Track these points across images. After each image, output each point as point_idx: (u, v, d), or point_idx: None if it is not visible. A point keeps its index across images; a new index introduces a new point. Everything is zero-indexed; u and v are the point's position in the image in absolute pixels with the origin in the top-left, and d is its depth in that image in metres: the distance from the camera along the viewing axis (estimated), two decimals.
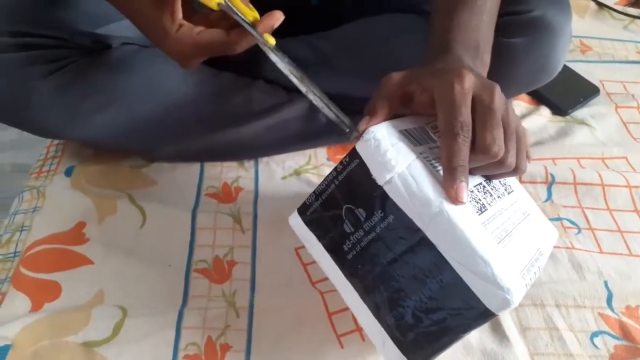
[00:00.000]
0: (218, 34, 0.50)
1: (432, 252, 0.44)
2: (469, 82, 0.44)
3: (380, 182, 0.45)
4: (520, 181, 0.74)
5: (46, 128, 0.68)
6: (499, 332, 0.60)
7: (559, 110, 0.86)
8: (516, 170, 0.47)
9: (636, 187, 0.74)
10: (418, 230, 0.44)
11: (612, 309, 0.63)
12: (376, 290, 0.47)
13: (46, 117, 0.66)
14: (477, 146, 0.44)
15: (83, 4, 0.66)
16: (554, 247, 0.68)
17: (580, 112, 0.87)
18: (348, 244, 0.48)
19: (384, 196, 0.45)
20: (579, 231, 0.70)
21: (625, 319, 0.62)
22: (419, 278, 0.45)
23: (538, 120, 0.84)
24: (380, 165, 0.45)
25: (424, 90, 0.46)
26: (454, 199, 0.43)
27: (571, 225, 0.71)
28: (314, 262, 0.64)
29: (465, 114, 0.44)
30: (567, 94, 0.87)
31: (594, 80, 0.91)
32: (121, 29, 0.69)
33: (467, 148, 0.44)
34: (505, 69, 0.66)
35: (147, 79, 0.68)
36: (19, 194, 0.72)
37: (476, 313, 0.44)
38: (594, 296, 0.64)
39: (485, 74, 0.54)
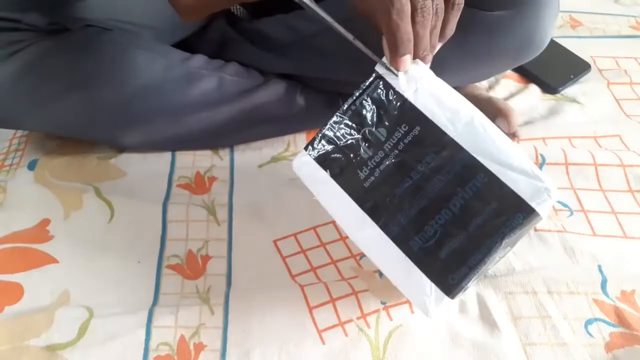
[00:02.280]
0: None
1: (464, 158, 0.44)
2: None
3: (407, 94, 0.46)
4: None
5: (3, 117, 0.64)
6: (489, 322, 0.57)
7: (549, 88, 0.83)
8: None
9: (630, 166, 0.71)
10: (448, 137, 0.45)
11: (606, 295, 0.60)
12: (399, 214, 0.46)
13: (2, 105, 0.62)
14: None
15: None
16: (545, 230, 0.65)
17: (571, 90, 0.83)
18: (365, 170, 0.47)
19: (410, 108, 0.46)
20: (571, 213, 0.67)
21: (620, 305, 0.59)
22: (448, 189, 0.45)
23: (528, 99, 0.81)
24: (404, 80, 0.46)
25: None
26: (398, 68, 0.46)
27: (563, 208, 0.68)
28: (294, 254, 0.62)
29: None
30: (557, 71, 0.84)
31: (585, 56, 0.88)
32: (85, 9, 0.65)
33: (409, 25, 0.44)
34: (489, 43, 0.63)
35: (109, 63, 0.64)
36: None
37: (516, 212, 0.43)
38: (587, 281, 0.60)
39: None
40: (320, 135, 0.49)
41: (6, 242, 0.60)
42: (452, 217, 0.45)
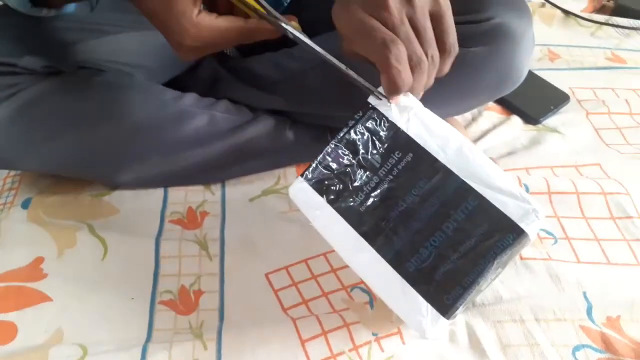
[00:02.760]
0: (237, 21, 0.49)
1: (455, 182, 0.47)
2: (359, 10, 0.46)
3: (399, 123, 0.49)
4: None
5: None
6: (479, 351, 0.58)
7: (530, 119, 0.85)
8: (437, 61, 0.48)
9: (611, 193, 0.73)
10: (439, 163, 0.48)
11: (592, 321, 0.61)
12: (395, 237, 0.47)
13: None
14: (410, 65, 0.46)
15: (36, 27, 0.64)
16: (531, 258, 0.67)
17: (552, 120, 0.86)
18: (361, 196, 0.49)
19: (403, 136, 0.49)
20: (556, 241, 0.69)
21: (606, 330, 0.60)
22: (441, 213, 0.47)
23: (510, 130, 0.83)
24: (396, 110, 0.49)
25: None
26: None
27: (547, 236, 0.69)
28: (285, 287, 0.63)
29: (380, 33, 0.45)
30: (537, 103, 0.87)
31: (564, 88, 0.91)
32: (78, 52, 0.67)
33: (408, 71, 0.46)
34: (467, 79, 0.65)
35: (103, 104, 0.66)
36: None
37: (506, 233, 0.45)
38: (573, 308, 0.62)
39: None
40: (316, 162, 0.51)
41: (2, 281, 0.61)
42: (445, 239, 0.46)
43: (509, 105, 0.87)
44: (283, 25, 0.49)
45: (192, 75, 0.80)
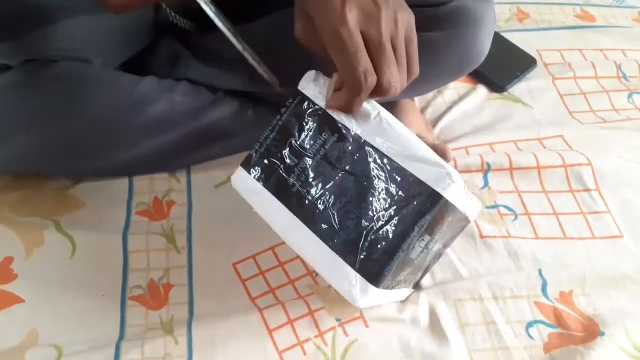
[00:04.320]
0: None
1: (376, 155, 0.49)
2: (353, 19, 0.45)
3: (323, 105, 0.51)
4: (456, 169, 0.74)
5: None
6: (438, 332, 0.61)
7: (496, 86, 0.85)
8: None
9: (572, 165, 0.75)
10: (361, 140, 0.50)
11: (546, 297, 0.64)
12: (325, 212, 0.50)
13: None
14: (376, 88, 0.46)
15: None
16: (491, 236, 0.69)
17: (518, 88, 0.86)
18: (293, 177, 0.52)
19: (326, 117, 0.51)
20: (516, 217, 0.71)
21: (559, 305, 0.64)
22: (364, 185, 0.49)
23: (475, 101, 0.83)
24: (319, 93, 0.52)
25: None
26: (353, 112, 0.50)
27: (508, 212, 0.71)
28: (252, 276, 0.65)
29: (364, 61, 0.45)
30: (504, 69, 0.86)
31: (531, 50, 0.90)
32: (24, 45, 0.64)
33: (367, 95, 0.47)
34: (427, 63, 0.64)
35: (56, 100, 0.64)
36: None
37: (423, 198, 0.47)
38: (529, 285, 0.65)
39: None
40: (253, 151, 0.55)
41: None
42: (369, 210, 0.49)
43: (474, 73, 0.85)
44: None
45: (152, 54, 0.77)
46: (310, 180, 0.51)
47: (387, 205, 0.49)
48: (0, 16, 0.62)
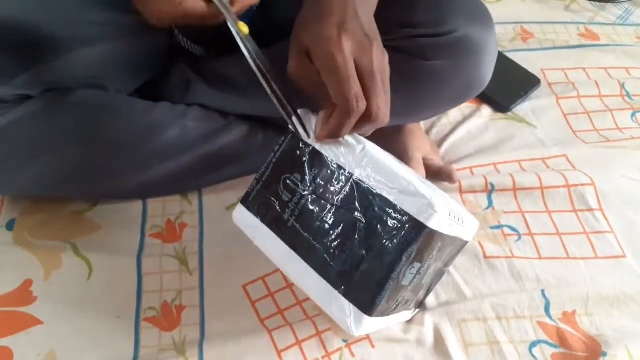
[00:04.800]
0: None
1: (363, 188, 0.51)
2: (348, 48, 0.48)
3: (312, 142, 0.54)
4: (461, 190, 0.76)
5: None
6: (443, 352, 0.63)
7: (500, 107, 0.87)
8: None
9: (575, 185, 0.76)
10: (348, 173, 0.52)
11: (550, 317, 0.65)
12: (318, 245, 0.52)
13: None
14: (365, 114, 0.50)
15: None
16: (494, 257, 0.70)
17: (522, 107, 0.87)
18: (288, 212, 0.54)
19: (316, 153, 0.54)
20: (519, 238, 0.72)
21: (562, 326, 0.65)
22: (354, 218, 0.51)
23: (479, 121, 0.85)
24: (309, 130, 0.54)
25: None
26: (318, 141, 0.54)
27: (511, 232, 0.73)
28: (262, 297, 0.67)
29: (356, 86, 0.48)
30: (508, 89, 0.87)
31: (535, 70, 0.91)
32: (43, 74, 0.67)
33: (356, 119, 0.50)
34: (429, 91, 0.66)
35: (74, 127, 0.67)
36: None
37: (408, 229, 0.49)
38: (532, 305, 0.66)
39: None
40: (250, 188, 0.58)
41: None
42: (359, 242, 0.51)
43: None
44: (227, 17, 0.51)
45: (163, 80, 0.80)
46: (305, 215, 0.54)
47: (375, 237, 0.50)
48: (20, 47, 0.65)
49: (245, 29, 0.52)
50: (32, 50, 0.65)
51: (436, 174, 0.75)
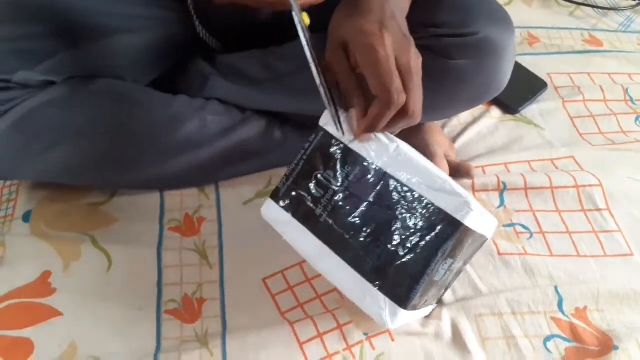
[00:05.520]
0: None
1: (398, 186, 0.53)
2: (389, 44, 0.50)
3: (345, 140, 0.55)
4: (474, 188, 0.77)
5: None
6: (461, 345, 0.64)
7: (508, 109, 0.89)
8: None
9: (583, 186, 0.78)
10: (382, 171, 0.53)
11: (562, 312, 0.67)
12: (352, 240, 0.54)
13: None
14: (402, 110, 0.51)
15: (20, 42, 0.64)
16: (508, 254, 0.72)
17: (530, 110, 0.89)
18: (320, 208, 0.55)
19: (349, 151, 0.55)
20: (531, 235, 0.74)
21: (575, 321, 0.67)
22: (388, 214, 0.53)
23: (489, 122, 0.87)
24: (344, 130, 0.55)
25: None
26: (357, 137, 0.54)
27: (523, 230, 0.74)
28: (282, 291, 0.68)
29: (397, 81, 0.50)
30: (516, 92, 0.89)
31: (542, 74, 0.94)
32: (72, 62, 0.67)
33: (394, 113, 0.51)
34: (451, 90, 0.68)
35: (96, 113, 0.67)
36: None
37: (445, 226, 0.51)
38: (546, 301, 0.68)
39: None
40: (281, 184, 0.58)
41: (12, 298, 0.64)
42: (394, 238, 0.52)
43: None
44: (294, 6, 0.51)
45: (179, 73, 0.80)
46: (337, 210, 0.55)
47: (410, 233, 0.52)
48: (51, 32, 0.65)
49: (307, 19, 0.53)
50: (61, 36, 0.66)
51: (455, 170, 0.77)
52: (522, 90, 0.90)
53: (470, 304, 0.67)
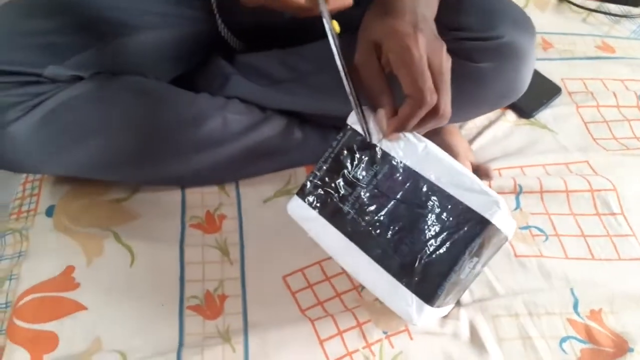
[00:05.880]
0: None
1: (426, 185, 0.54)
2: (423, 45, 0.51)
3: (374, 139, 0.56)
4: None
5: (23, 164, 0.67)
6: (479, 345, 0.65)
7: (523, 113, 0.90)
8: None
9: (598, 190, 0.79)
10: (411, 170, 0.54)
11: (578, 314, 0.68)
12: (379, 238, 0.55)
13: (23, 153, 0.65)
14: (432, 110, 0.52)
15: (51, 36, 0.65)
16: (524, 255, 0.73)
17: (544, 114, 0.90)
18: (347, 205, 0.56)
19: (378, 151, 0.56)
20: (546, 238, 0.75)
21: (590, 323, 0.68)
22: (416, 212, 0.54)
23: (504, 126, 0.88)
24: (372, 129, 0.56)
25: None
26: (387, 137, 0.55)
27: (539, 233, 0.75)
28: (302, 289, 0.69)
29: (429, 82, 0.51)
30: (531, 96, 0.88)
31: (556, 79, 0.95)
32: (99, 58, 0.68)
33: (425, 113, 0.52)
34: (473, 92, 0.69)
35: (122, 108, 0.68)
36: (1, 237, 0.71)
37: (473, 224, 0.52)
38: (561, 303, 0.69)
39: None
40: (307, 181, 0.59)
41: (36, 292, 0.65)
42: (421, 235, 0.53)
43: None
44: (324, 13, 0.53)
45: (200, 72, 0.81)
46: (365, 208, 0.56)
47: (438, 231, 0.53)
48: (81, 27, 0.66)
49: (337, 26, 0.54)
50: (90, 32, 0.67)
51: (473, 172, 0.77)
52: (537, 95, 0.91)
53: (488, 304, 0.68)
